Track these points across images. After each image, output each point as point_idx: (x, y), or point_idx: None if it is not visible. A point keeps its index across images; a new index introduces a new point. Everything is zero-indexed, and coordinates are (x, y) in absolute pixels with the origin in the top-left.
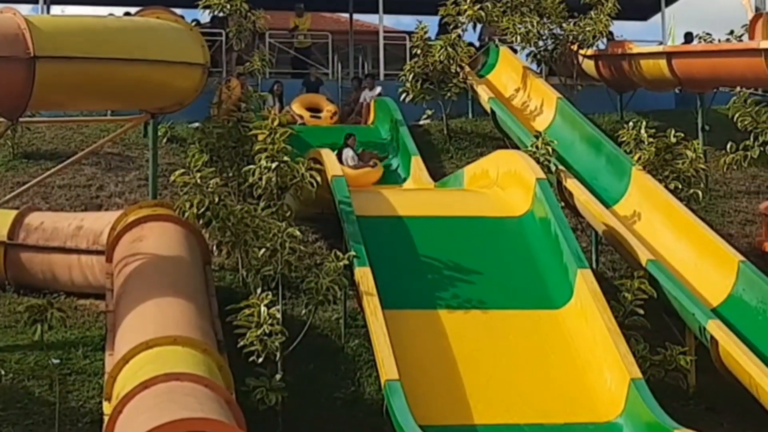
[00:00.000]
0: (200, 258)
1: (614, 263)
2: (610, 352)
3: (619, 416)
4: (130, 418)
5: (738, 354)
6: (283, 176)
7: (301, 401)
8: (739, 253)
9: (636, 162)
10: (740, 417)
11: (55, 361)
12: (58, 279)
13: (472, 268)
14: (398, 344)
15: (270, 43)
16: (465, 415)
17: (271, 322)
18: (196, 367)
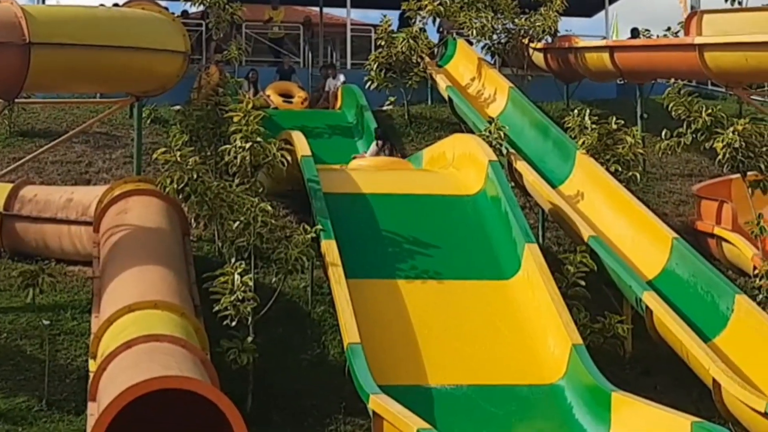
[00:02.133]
0: (179, 229)
1: (559, 239)
2: (553, 320)
3: (561, 379)
4: (114, 374)
5: (671, 323)
6: (256, 155)
7: (270, 362)
8: (673, 231)
9: (580, 146)
10: (672, 380)
11: (45, 322)
12: (49, 247)
13: (429, 242)
14: (360, 311)
15: (246, 33)
16: (421, 377)
17: (244, 289)
18: (174, 330)
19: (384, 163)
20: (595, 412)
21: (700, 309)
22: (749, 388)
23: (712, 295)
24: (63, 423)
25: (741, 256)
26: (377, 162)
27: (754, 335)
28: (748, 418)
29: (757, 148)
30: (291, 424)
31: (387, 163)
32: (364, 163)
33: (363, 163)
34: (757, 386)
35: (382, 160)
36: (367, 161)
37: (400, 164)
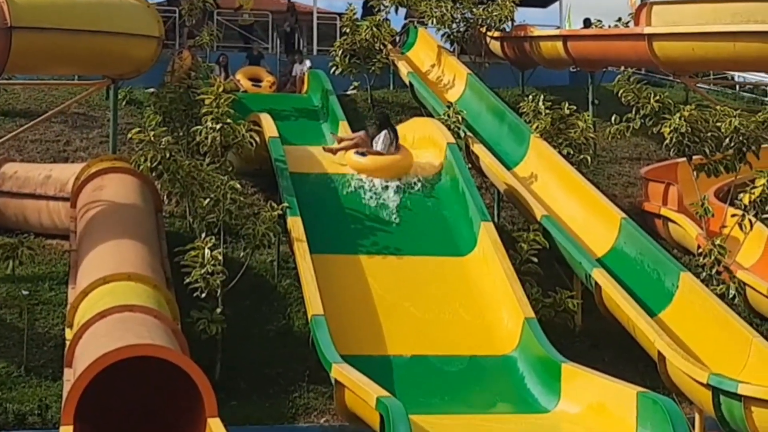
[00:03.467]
0: (153, 206)
1: (513, 218)
2: (507, 295)
3: (514, 350)
4: (89, 342)
5: (618, 298)
6: (226, 136)
7: (238, 332)
8: (622, 211)
9: (534, 130)
10: (619, 352)
11: (24, 292)
12: (28, 221)
13: (390, 220)
14: (324, 284)
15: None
16: (381, 347)
17: (214, 262)
18: (147, 301)
19: (396, 161)
20: (546, 383)
21: (646, 285)
22: (692, 360)
23: (658, 272)
24: (41, 388)
25: (686, 235)
26: (392, 161)
27: (697, 311)
28: (690, 389)
29: (703, 133)
30: (257, 391)
31: (398, 161)
32: (381, 161)
33: (380, 161)
34: (699, 359)
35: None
36: (381, 159)
37: (406, 158)
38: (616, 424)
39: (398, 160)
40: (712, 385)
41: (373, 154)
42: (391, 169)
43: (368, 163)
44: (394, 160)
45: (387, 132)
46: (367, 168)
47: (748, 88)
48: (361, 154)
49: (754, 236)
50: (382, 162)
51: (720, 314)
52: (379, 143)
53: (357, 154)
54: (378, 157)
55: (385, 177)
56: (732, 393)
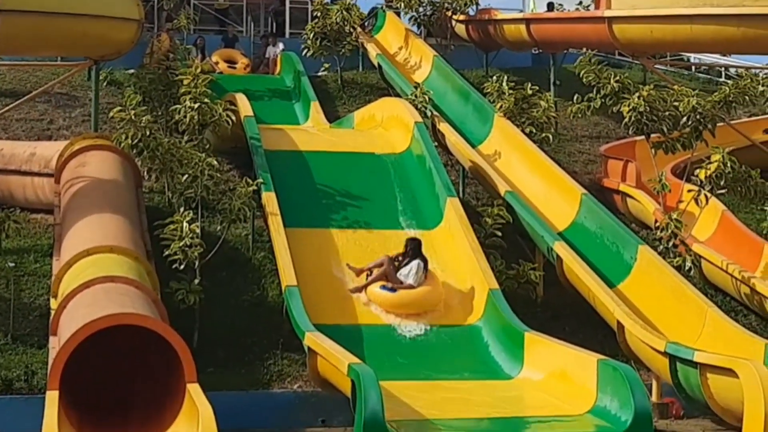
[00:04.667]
0: (133, 181)
1: (478, 193)
2: (472, 267)
3: (479, 320)
4: (73, 312)
5: (579, 270)
6: (203, 115)
7: (215, 302)
8: (582, 187)
9: (498, 110)
10: (580, 322)
11: (10, 264)
12: (14, 196)
13: (360, 195)
14: (297, 257)
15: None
16: (351, 317)
17: (192, 236)
18: (128, 272)
19: (427, 294)
20: (509, 350)
21: (606, 258)
22: (650, 329)
23: (617, 245)
24: (27, 355)
25: (644, 210)
26: (424, 295)
27: (654, 282)
28: (648, 356)
29: (660, 112)
30: (234, 358)
31: (429, 294)
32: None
33: (412, 296)
34: (657, 328)
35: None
36: (413, 295)
37: (437, 291)
38: (578, 390)
39: (428, 293)
40: (669, 353)
41: (403, 287)
42: (422, 304)
43: (398, 300)
44: (426, 293)
45: (419, 263)
46: (397, 305)
47: (704, 69)
48: (389, 289)
49: (709, 211)
50: (414, 297)
51: (676, 285)
52: (411, 275)
53: (384, 290)
54: (410, 292)
55: (415, 312)
56: (688, 360)
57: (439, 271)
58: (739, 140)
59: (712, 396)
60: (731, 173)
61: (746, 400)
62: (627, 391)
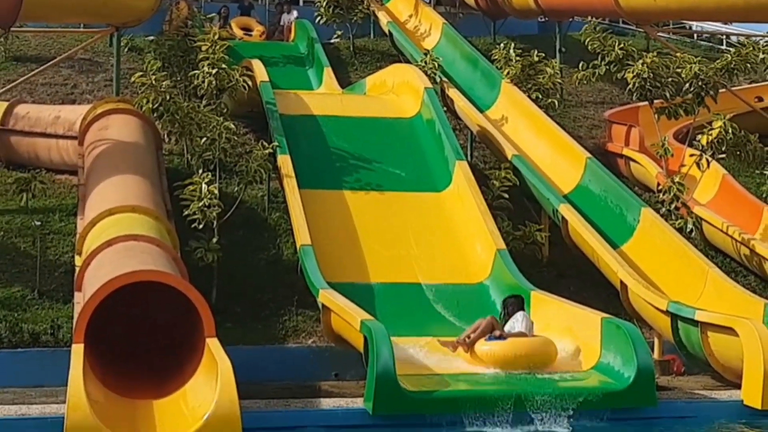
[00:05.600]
0: (154, 144)
1: (485, 157)
2: (480, 228)
3: (487, 279)
4: (97, 269)
5: (584, 231)
6: (221, 80)
7: (232, 261)
8: (587, 152)
9: (505, 76)
10: (584, 281)
11: (37, 222)
12: (40, 158)
13: (372, 158)
14: (311, 217)
15: None
16: (364, 275)
17: (210, 196)
18: (149, 231)
19: (543, 345)
20: None
21: (609, 220)
22: (652, 289)
23: (620, 207)
24: (53, 310)
25: (646, 174)
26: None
27: (657, 243)
28: (650, 315)
29: (663, 78)
30: (250, 314)
31: (545, 345)
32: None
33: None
34: (659, 288)
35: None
36: (526, 343)
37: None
38: (582, 347)
39: (545, 344)
40: (671, 311)
41: (512, 335)
42: (537, 355)
43: (508, 350)
44: (543, 343)
45: (525, 314)
46: (508, 356)
47: (705, 37)
48: (498, 337)
49: (711, 174)
50: (529, 345)
51: (678, 247)
52: (518, 325)
53: (492, 339)
54: (522, 340)
55: (528, 367)
56: (689, 319)
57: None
58: (740, 106)
59: (712, 353)
60: (732, 138)
61: (746, 357)
62: (630, 348)
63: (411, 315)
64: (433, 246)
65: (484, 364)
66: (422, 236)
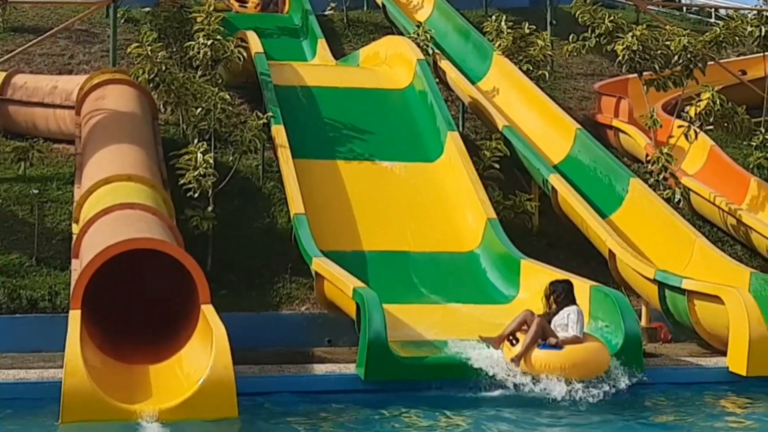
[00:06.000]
0: (150, 114)
1: (477, 128)
2: (471, 197)
3: (477, 248)
4: (94, 236)
5: (573, 201)
6: (216, 51)
7: (227, 229)
8: (577, 123)
9: (496, 48)
10: (573, 251)
11: (34, 191)
12: (38, 127)
13: (365, 128)
14: (304, 186)
15: None
16: (357, 243)
17: (205, 166)
18: (146, 199)
19: (599, 351)
20: (506, 277)
21: (598, 190)
22: (640, 257)
23: (609, 178)
24: (50, 277)
25: (635, 145)
26: (595, 351)
27: (645, 213)
28: (638, 283)
29: (652, 51)
30: (245, 282)
31: (601, 349)
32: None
33: (575, 353)
34: (646, 256)
35: (597, 349)
36: (583, 351)
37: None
38: None
39: (600, 352)
40: (658, 280)
41: (568, 341)
42: (593, 365)
43: (565, 360)
44: (597, 351)
45: (578, 309)
46: (567, 365)
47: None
48: (552, 346)
49: (699, 145)
50: (586, 353)
51: (666, 216)
52: (572, 325)
53: (546, 348)
54: (578, 349)
55: (583, 376)
56: (676, 288)
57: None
58: (728, 79)
59: (698, 321)
60: (720, 110)
61: (731, 325)
62: (618, 316)
63: (402, 283)
64: (424, 215)
65: (536, 371)
66: (414, 206)
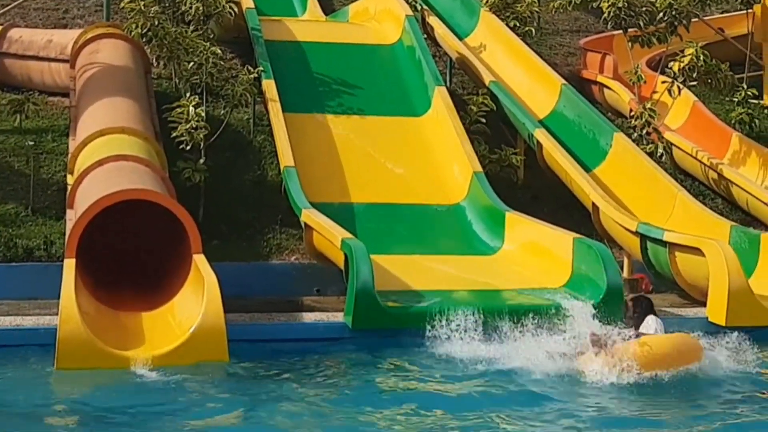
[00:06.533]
0: (143, 68)
1: (464, 83)
2: (458, 151)
3: (463, 200)
4: (88, 187)
5: (558, 155)
6: (208, 6)
7: (218, 181)
8: (562, 78)
9: (484, 4)
10: (557, 204)
11: (30, 142)
12: (33, 80)
13: (354, 83)
14: (294, 140)
15: None
16: (345, 195)
17: (197, 119)
18: (139, 151)
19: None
20: (491, 229)
21: (583, 144)
22: (623, 210)
23: (594, 132)
24: (46, 226)
25: (620, 100)
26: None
27: (628, 167)
28: (621, 235)
29: (637, 8)
30: (235, 233)
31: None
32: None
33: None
34: (629, 209)
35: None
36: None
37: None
38: (555, 266)
39: (694, 341)
40: (640, 232)
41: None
42: (687, 351)
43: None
44: (689, 339)
45: (656, 319)
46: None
47: None
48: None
49: (682, 101)
50: (674, 342)
51: (649, 170)
52: (652, 328)
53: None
54: (671, 337)
55: (672, 366)
56: (658, 240)
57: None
58: (712, 35)
59: (679, 273)
60: (703, 66)
61: (711, 276)
62: (600, 267)
63: (390, 234)
64: (412, 168)
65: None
66: (401, 159)
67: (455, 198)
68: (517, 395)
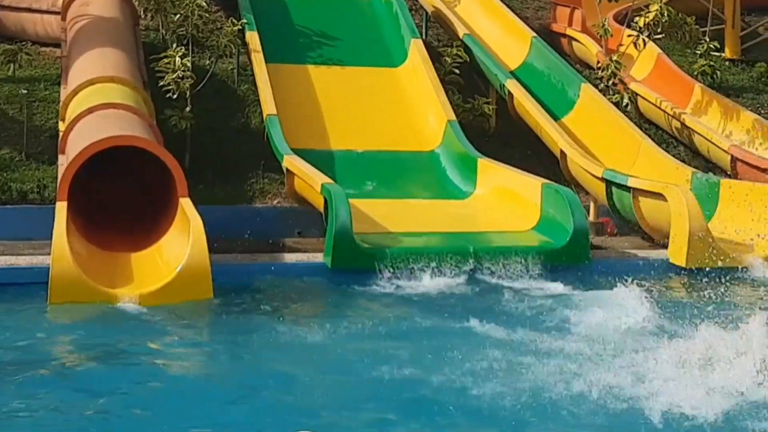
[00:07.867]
0: (131, 19)
1: (439, 35)
2: (432, 100)
3: (438, 147)
4: (79, 133)
5: (528, 105)
6: None
7: (204, 128)
8: (533, 31)
9: None
10: (527, 151)
11: (23, 91)
12: (26, 31)
13: (334, 35)
14: (277, 89)
15: None
16: (325, 142)
17: (183, 69)
18: (127, 99)
19: None
20: (464, 174)
21: (552, 94)
22: (589, 157)
23: (562, 83)
24: (39, 171)
25: (588, 52)
26: None
27: (595, 116)
28: (587, 181)
29: None
30: (220, 178)
31: None
32: None
33: None
34: (596, 156)
35: None
36: None
37: None
38: (524, 209)
39: None
40: (606, 178)
41: None
42: None
43: None
44: None
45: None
46: None
47: None
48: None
49: (647, 54)
50: None
51: (614, 119)
52: None
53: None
54: None
55: None
56: (623, 185)
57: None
58: None
59: (643, 217)
60: (667, 21)
61: (673, 220)
62: (567, 210)
63: (368, 179)
64: (389, 117)
65: None
66: (379, 108)
67: (430, 145)
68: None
